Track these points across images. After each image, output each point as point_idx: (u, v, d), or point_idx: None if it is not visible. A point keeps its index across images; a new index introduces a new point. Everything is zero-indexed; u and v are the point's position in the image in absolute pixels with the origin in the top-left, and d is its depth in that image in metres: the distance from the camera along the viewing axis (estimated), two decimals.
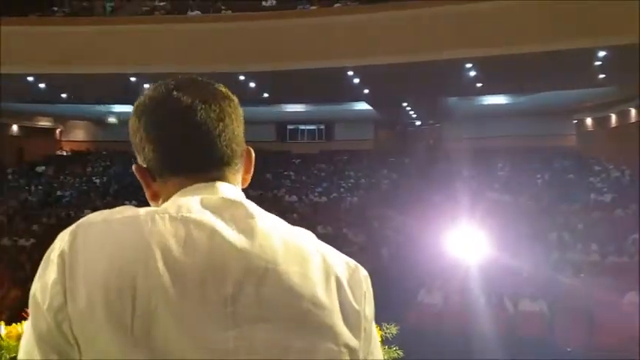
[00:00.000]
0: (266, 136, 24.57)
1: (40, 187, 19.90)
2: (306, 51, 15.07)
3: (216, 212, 0.88)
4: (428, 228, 10.91)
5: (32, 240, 14.09)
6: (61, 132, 26.60)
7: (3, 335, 1.74)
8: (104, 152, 23.79)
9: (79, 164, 22.48)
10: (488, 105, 20.84)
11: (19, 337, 1.71)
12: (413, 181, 17.43)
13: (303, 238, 0.93)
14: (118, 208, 0.90)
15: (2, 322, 1.81)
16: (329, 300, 0.88)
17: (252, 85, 17.28)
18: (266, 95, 19.10)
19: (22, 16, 17.20)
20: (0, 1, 18.21)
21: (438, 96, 19.68)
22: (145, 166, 0.98)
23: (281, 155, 22.92)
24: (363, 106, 20.82)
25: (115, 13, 18.70)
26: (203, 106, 0.95)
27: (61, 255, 0.83)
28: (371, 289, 0.96)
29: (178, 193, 0.94)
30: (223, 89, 1.01)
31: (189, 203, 0.89)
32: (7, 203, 17.86)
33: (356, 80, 16.74)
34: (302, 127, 25.75)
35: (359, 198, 17.04)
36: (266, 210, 0.94)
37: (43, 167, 22.09)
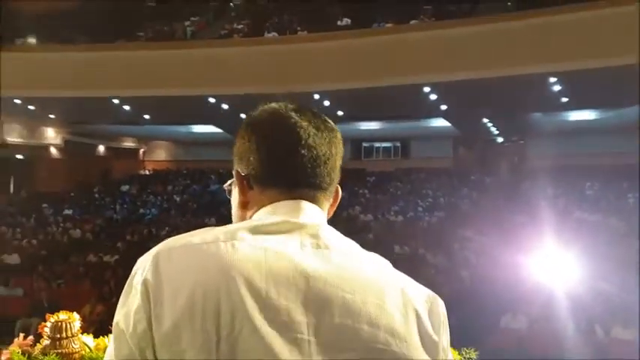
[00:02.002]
0: None
1: (124, 205, 20.60)
2: (382, 68, 14.98)
3: (294, 238, 0.92)
4: (511, 249, 10.46)
5: (116, 256, 14.51)
6: (144, 152, 27.61)
7: (92, 347, 1.82)
8: (184, 171, 24.42)
9: (161, 183, 23.15)
10: (575, 120, 19.97)
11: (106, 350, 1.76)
12: (495, 201, 16.82)
13: (380, 269, 0.95)
14: (197, 232, 0.92)
15: (91, 335, 1.85)
16: (407, 332, 0.90)
17: (326, 103, 17.33)
18: (340, 113, 19.09)
19: (110, 42, 18.02)
20: (91, 28, 19.22)
21: (521, 111, 19.05)
22: (244, 174, 1.02)
23: (356, 173, 22.74)
24: (440, 122, 20.43)
25: (194, 36, 19.28)
26: (317, 133, 1.01)
27: (144, 283, 0.86)
28: (447, 318, 0.97)
29: (265, 209, 0.98)
30: (332, 124, 1.07)
31: (270, 228, 0.92)
32: (93, 221, 18.58)
33: (433, 97, 16.46)
34: (377, 144, 25.49)
35: (437, 218, 16.60)
36: (340, 230, 0.98)
37: (127, 186, 22.90)
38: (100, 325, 10.27)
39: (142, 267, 0.89)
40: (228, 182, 1.09)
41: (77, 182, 23.28)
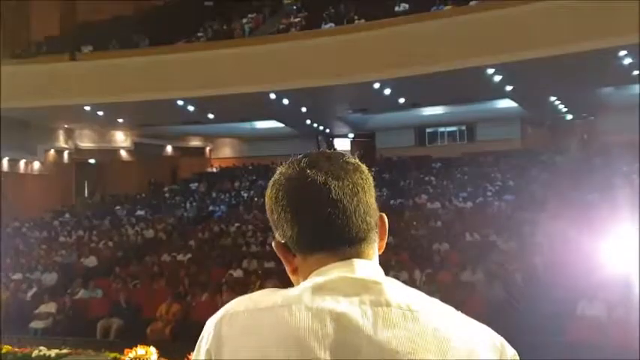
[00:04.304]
0: (404, 142, 24.27)
1: (194, 204, 21.04)
2: (443, 52, 14.69)
3: (350, 298, 0.91)
4: (585, 232, 10.08)
5: (189, 255, 14.73)
6: (210, 150, 28.16)
7: None
8: (250, 167, 24.75)
9: (228, 180, 23.51)
10: None
11: None
12: (566, 181, 16.23)
13: (443, 320, 0.92)
14: (259, 295, 0.96)
15: None
16: None
17: (387, 91, 17.14)
18: (402, 100, 18.85)
19: (170, 44, 18.40)
20: (151, 31, 19.69)
21: (589, 87, 18.30)
22: (283, 241, 1.01)
23: (420, 160, 22.43)
24: (506, 103, 19.89)
25: (253, 33, 19.43)
26: (336, 183, 0.97)
27: (208, 351, 0.94)
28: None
29: (315, 272, 0.97)
30: (353, 161, 1.03)
31: (324, 290, 0.92)
32: (165, 220, 19.02)
33: (497, 78, 16.04)
34: (441, 129, 25.02)
35: (507, 202, 16.16)
36: (408, 219, 0.89)
37: (196, 184, 23.40)
38: (176, 324, 10.52)
39: (208, 332, 0.95)
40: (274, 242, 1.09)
41: (148, 183, 24.00)
